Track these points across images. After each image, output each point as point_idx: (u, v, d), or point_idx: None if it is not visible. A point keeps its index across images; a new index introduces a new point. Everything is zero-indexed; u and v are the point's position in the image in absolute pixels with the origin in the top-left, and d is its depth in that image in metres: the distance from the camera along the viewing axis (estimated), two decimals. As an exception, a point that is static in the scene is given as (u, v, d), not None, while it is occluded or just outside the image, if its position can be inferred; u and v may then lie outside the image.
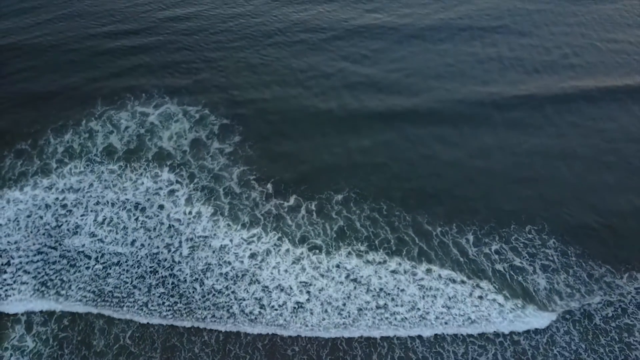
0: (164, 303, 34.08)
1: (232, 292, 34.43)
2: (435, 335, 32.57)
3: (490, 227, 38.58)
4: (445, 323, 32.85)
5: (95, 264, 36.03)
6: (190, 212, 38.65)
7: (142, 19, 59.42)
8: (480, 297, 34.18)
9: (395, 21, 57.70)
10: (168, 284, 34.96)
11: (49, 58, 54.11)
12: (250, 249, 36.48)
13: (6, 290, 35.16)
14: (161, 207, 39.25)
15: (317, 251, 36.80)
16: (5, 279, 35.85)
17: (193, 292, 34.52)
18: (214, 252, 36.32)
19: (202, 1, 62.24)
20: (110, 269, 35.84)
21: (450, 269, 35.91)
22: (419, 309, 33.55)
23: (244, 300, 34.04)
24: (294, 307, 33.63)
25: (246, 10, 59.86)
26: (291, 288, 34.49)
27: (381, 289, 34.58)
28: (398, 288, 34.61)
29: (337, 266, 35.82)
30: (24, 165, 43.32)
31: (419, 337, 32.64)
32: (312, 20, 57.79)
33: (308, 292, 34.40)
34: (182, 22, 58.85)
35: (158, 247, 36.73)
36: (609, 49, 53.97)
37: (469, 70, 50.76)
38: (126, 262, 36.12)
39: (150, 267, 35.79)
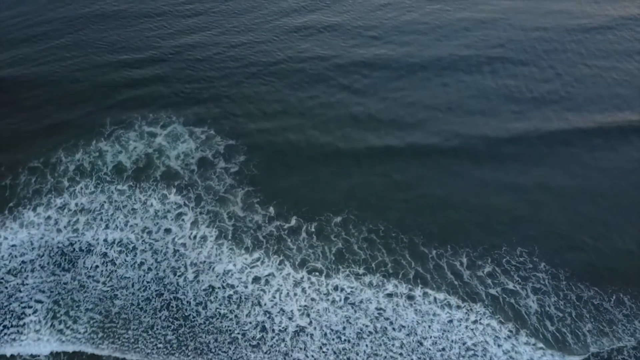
0: (169, 326, 32.04)
1: (235, 316, 32.59)
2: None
3: (483, 249, 36.80)
4: (442, 349, 30.87)
5: (104, 286, 34.03)
6: (195, 236, 36.64)
7: (148, 44, 57.01)
8: (475, 322, 32.30)
9: (396, 50, 54.74)
10: (173, 307, 33.12)
11: (58, 80, 51.92)
12: (253, 273, 34.64)
13: (23, 308, 33.34)
14: (168, 230, 37.22)
15: (317, 274, 34.98)
16: (22, 297, 33.97)
17: (197, 315, 32.66)
18: (217, 276, 34.44)
19: (206, 27, 59.51)
20: (117, 291, 33.90)
21: (446, 293, 34.10)
22: (416, 334, 31.60)
23: (247, 324, 32.13)
24: (295, 331, 31.65)
25: (250, 38, 57.24)
26: (292, 312, 32.59)
27: (380, 313, 32.66)
28: (396, 312, 32.70)
29: (336, 289, 33.94)
30: (37, 182, 41.40)
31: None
32: (314, 48, 55.05)
33: (308, 315, 32.51)
34: (187, 47, 56.45)
35: (164, 271, 34.83)
36: (606, 79, 51.27)
37: (466, 102, 48.15)
38: (133, 285, 34.09)
39: (156, 290, 33.90)
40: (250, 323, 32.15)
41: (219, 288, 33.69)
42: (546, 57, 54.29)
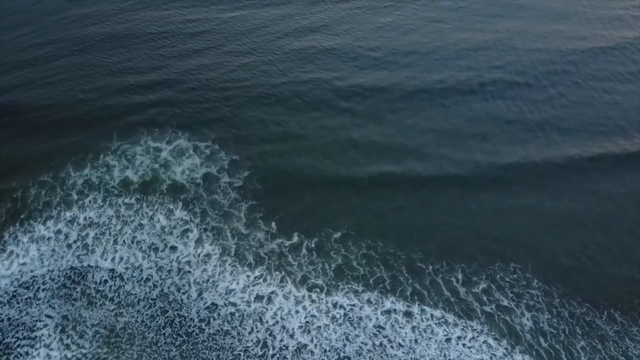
0: (173, 342, 30.94)
1: (238, 333, 31.55)
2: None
3: (477, 265, 35.79)
4: (440, 368, 29.81)
5: (111, 303, 32.95)
6: (199, 254, 35.44)
7: (152, 61, 55.23)
8: (472, 339, 31.29)
9: (396, 72, 52.48)
10: (176, 324, 32.14)
11: (65, 97, 50.25)
12: (255, 291, 33.54)
13: (35, 321, 32.38)
14: (173, 248, 36.06)
15: (318, 290, 33.90)
16: (33, 311, 32.94)
17: (200, 332, 31.68)
18: (220, 294, 33.24)
19: (210, 47, 57.48)
20: (124, 308, 32.73)
21: (443, 310, 33.04)
22: (414, 352, 30.50)
23: (249, 341, 31.14)
24: (297, 348, 30.60)
25: (253, 58, 55.05)
26: (293, 329, 31.57)
27: (378, 330, 31.60)
28: (394, 329, 31.64)
29: (336, 306, 32.83)
30: (47, 195, 40.24)
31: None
32: (315, 70, 52.67)
33: (309, 332, 31.45)
34: (191, 65, 54.63)
35: (169, 288, 33.75)
36: (600, 102, 49.06)
37: (464, 127, 45.84)
38: (138, 302, 32.99)
39: (161, 307, 32.82)
40: (253, 340, 31.13)
41: (222, 306, 32.55)
42: (543, 79, 52.11)
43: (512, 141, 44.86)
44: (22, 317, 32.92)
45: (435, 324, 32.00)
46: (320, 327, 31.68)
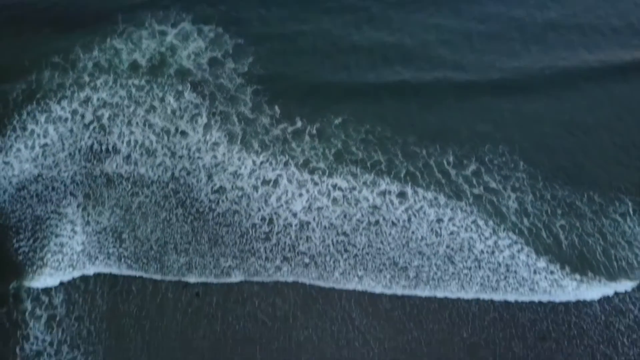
0: (184, 220, 30.66)
1: (245, 212, 31.10)
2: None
3: (469, 147, 34.69)
4: (432, 244, 29.70)
5: (127, 183, 32.43)
6: (208, 141, 34.02)
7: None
8: (462, 219, 30.95)
9: None
10: (187, 204, 31.68)
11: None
12: (262, 175, 32.61)
13: (61, 199, 31.84)
14: (184, 133, 34.76)
15: (320, 173, 32.85)
16: (59, 187, 32.40)
17: (210, 211, 31.39)
18: (228, 179, 32.36)
19: None
20: (139, 188, 32.23)
21: (435, 192, 32.22)
22: (407, 229, 30.32)
23: (256, 220, 30.91)
24: (300, 226, 30.49)
25: None
26: (297, 209, 31.45)
27: (374, 210, 31.19)
28: (388, 209, 31.21)
29: (335, 188, 32.20)
30: (60, 77, 38.07)
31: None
32: None
33: (311, 211, 31.01)
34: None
35: (180, 172, 33.01)
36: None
37: (476, 31, 41.66)
38: (152, 184, 32.36)
39: (173, 189, 32.24)
40: (259, 218, 30.81)
41: (229, 189, 31.93)
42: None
43: (520, 43, 40.71)
44: (49, 192, 32.32)
45: (428, 205, 31.47)
46: (321, 207, 31.24)
